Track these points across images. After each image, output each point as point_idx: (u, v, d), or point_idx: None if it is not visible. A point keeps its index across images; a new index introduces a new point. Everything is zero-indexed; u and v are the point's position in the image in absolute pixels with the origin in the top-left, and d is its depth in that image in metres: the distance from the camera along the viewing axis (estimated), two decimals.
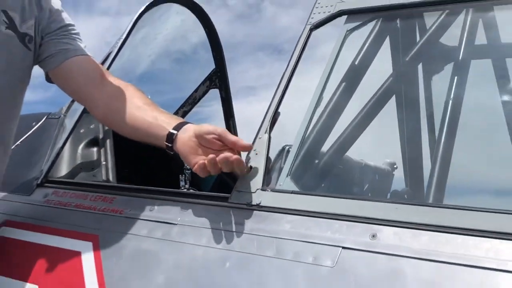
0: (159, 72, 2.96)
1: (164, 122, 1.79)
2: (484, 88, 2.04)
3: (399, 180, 2.18)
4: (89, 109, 2.06)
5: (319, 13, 1.86)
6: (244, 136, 2.79)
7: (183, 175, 2.31)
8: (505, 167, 2.07)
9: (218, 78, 2.90)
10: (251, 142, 1.68)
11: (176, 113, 2.87)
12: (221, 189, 2.53)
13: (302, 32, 1.86)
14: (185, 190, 2.08)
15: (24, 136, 2.47)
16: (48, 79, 1.99)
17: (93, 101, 1.99)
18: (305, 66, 1.85)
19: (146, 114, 1.85)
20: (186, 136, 1.70)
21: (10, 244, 2.00)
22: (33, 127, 2.49)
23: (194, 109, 2.94)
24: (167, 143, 1.74)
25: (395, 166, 2.18)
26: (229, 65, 2.85)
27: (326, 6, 1.86)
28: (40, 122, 2.48)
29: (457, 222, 1.31)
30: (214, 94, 2.94)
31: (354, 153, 1.99)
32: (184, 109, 2.89)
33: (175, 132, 1.72)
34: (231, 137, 1.64)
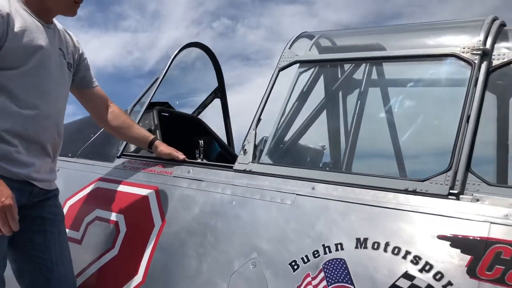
0: (183, 85, 3.12)
1: (143, 135, 2.15)
2: (374, 103, 2.30)
3: (326, 156, 2.33)
4: (97, 120, 2.14)
5: (283, 61, 2.01)
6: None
7: (198, 151, 2.61)
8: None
9: (220, 92, 3.01)
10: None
11: (193, 112, 3.07)
12: (220, 159, 2.82)
13: (274, 72, 2.00)
14: (205, 161, 2.34)
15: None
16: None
17: (102, 117, 2.11)
18: (275, 91, 1.98)
19: (132, 127, 2.13)
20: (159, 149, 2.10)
21: (104, 191, 2.16)
22: None
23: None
24: (148, 148, 2.14)
25: (324, 147, 2.32)
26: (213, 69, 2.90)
27: (288, 57, 2.01)
28: None
29: (356, 181, 1.61)
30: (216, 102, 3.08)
31: (303, 140, 2.17)
32: (198, 110, 3.02)
33: (153, 142, 2.11)
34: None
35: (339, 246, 1.48)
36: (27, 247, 1.80)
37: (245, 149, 1.91)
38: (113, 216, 2.05)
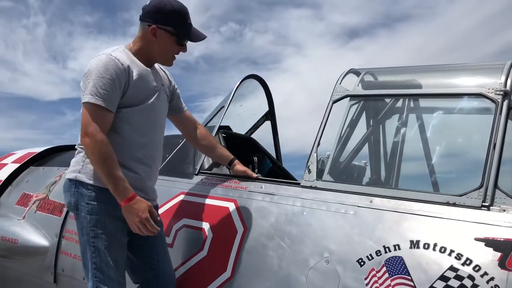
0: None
1: (226, 154, 2.54)
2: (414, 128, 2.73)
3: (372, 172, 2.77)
4: (188, 140, 2.56)
5: (336, 95, 2.40)
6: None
7: (252, 166, 3.00)
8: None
9: (270, 115, 3.43)
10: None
11: (247, 133, 3.49)
12: (271, 172, 3.23)
13: (328, 104, 2.38)
14: (274, 178, 2.71)
15: (177, 148, 2.84)
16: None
17: (192, 137, 2.52)
18: (331, 121, 2.38)
19: (216, 147, 2.56)
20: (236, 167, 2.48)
21: (188, 203, 2.55)
22: (180, 143, 2.85)
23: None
24: (227, 165, 2.53)
25: (366, 164, 2.71)
26: (221, 73, 3.32)
27: (340, 92, 2.40)
28: (184, 140, 2.76)
29: (406, 195, 2.02)
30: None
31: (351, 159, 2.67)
32: (251, 131, 3.44)
33: (232, 161, 2.51)
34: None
35: (396, 247, 1.91)
36: (139, 249, 2.25)
37: (310, 169, 2.33)
38: (200, 224, 2.46)
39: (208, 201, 2.52)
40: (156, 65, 2.34)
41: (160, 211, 2.59)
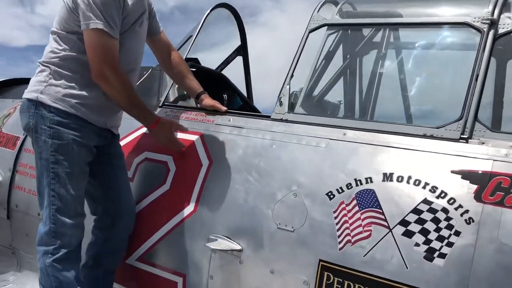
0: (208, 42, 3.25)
1: (194, 86, 2.38)
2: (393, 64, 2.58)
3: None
4: (161, 66, 2.42)
5: (313, 23, 2.23)
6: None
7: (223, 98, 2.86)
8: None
9: (242, 50, 3.23)
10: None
11: (217, 68, 3.31)
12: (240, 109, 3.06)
13: (304, 33, 2.22)
14: (244, 111, 2.55)
15: (140, 80, 2.53)
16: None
17: (164, 63, 2.38)
18: (305, 52, 2.20)
19: (186, 78, 2.39)
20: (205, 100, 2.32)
21: (150, 137, 2.28)
22: (145, 75, 2.59)
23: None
24: (195, 99, 2.39)
25: (341, 102, 2.61)
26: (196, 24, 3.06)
27: (317, 20, 2.24)
28: (149, 72, 2.60)
29: (382, 127, 1.90)
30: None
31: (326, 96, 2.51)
32: (221, 67, 3.23)
33: (201, 94, 2.35)
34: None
35: (368, 179, 1.80)
36: (100, 177, 2.11)
37: (281, 101, 2.18)
38: (162, 157, 2.31)
39: None
40: None
41: (122, 143, 2.44)
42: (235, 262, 2.00)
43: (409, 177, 1.74)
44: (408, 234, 1.66)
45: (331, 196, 1.84)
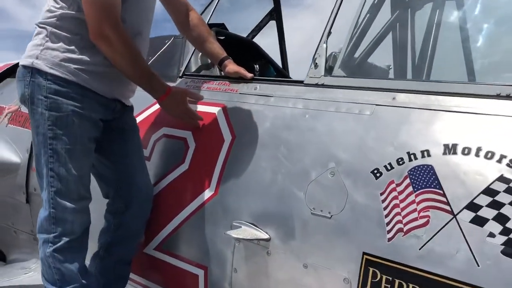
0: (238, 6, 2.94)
1: (217, 51, 2.09)
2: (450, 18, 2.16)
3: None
4: (178, 28, 2.13)
5: None
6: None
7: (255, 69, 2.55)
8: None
9: (275, 14, 2.90)
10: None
11: (248, 36, 2.99)
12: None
13: None
14: (273, 78, 2.26)
15: (162, 49, 2.45)
16: None
17: (181, 25, 2.09)
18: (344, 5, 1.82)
19: (207, 41, 2.09)
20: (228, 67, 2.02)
21: None
22: (166, 44, 2.47)
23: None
24: (218, 65, 2.08)
25: (390, 67, 2.26)
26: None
27: None
28: (171, 40, 2.46)
29: (440, 88, 1.51)
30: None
31: (371, 58, 2.09)
32: (253, 33, 2.94)
33: (224, 60, 2.05)
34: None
35: (425, 153, 1.43)
36: (109, 155, 1.87)
37: (316, 63, 1.82)
38: (181, 133, 2.04)
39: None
40: None
41: (138, 120, 2.18)
42: (262, 253, 1.69)
43: (479, 149, 1.35)
44: (479, 221, 1.28)
45: (378, 175, 1.48)
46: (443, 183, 1.36)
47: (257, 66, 2.73)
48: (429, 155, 1.41)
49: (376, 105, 1.60)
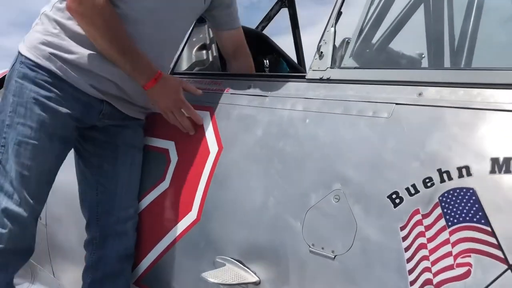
0: None
1: None
2: None
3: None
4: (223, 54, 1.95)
5: None
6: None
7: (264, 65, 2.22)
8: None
9: (287, 0, 2.52)
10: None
11: (257, 27, 2.62)
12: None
13: None
14: (268, 73, 1.94)
15: None
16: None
17: (228, 56, 1.91)
18: None
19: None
20: None
21: (153, 118, 1.78)
22: None
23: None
24: None
25: (423, 56, 1.88)
26: None
27: None
28: None
29: (485, 79, 1.10)
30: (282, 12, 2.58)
31: (395, 44, 1.70)
32: (263, 24, 2.57)
33: None
34: None
35: (463, 170, 1.00)
36: (94, 172, 1.61)
37: (321, 52, 1.42)
38: (162, 144, 1.71)
39: None
40: None
41: None
42: None
43: None
44: None
45: (397, 201, 1.08)
46: (491, 216, 0.94)
47: (267, 61, 2.36)
48: (469, 174, 0.99)
49: (396, 104, 1.19)
